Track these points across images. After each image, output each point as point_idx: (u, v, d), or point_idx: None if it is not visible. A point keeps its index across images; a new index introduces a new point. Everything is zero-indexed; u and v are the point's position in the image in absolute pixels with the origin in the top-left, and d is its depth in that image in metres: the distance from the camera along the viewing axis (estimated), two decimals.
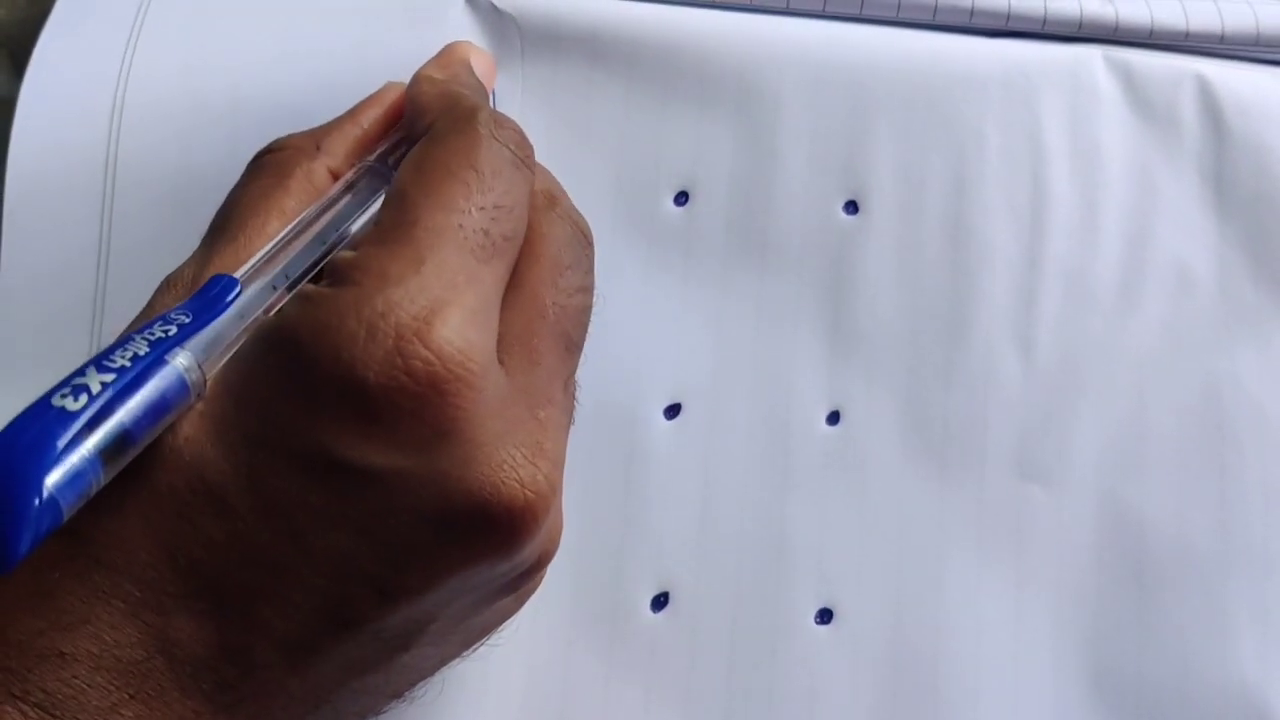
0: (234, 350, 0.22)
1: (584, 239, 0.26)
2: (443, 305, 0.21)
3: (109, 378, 0.19)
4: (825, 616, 0.31)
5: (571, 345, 0.25)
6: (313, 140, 0.27)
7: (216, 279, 0.22)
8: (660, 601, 0.31)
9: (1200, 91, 0.34)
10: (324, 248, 0.24)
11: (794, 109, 0.33)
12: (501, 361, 0.23)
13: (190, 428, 0.21)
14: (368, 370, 0.20)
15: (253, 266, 0.23)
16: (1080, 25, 0.34)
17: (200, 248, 0.25)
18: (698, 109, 0.33)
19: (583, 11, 0.33)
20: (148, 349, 0.20)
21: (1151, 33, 0.34)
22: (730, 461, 0.32)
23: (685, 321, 0.32)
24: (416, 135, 0.25)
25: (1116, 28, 0.34)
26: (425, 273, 0.21)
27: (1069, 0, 0.34)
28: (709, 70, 0.33)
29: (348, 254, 0.22)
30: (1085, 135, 0.34)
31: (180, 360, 0.20)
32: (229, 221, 0.25)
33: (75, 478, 0.18)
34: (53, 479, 0.18)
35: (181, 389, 0.20)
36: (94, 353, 0.30)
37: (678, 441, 0.32)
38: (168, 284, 0.24)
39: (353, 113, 0.28)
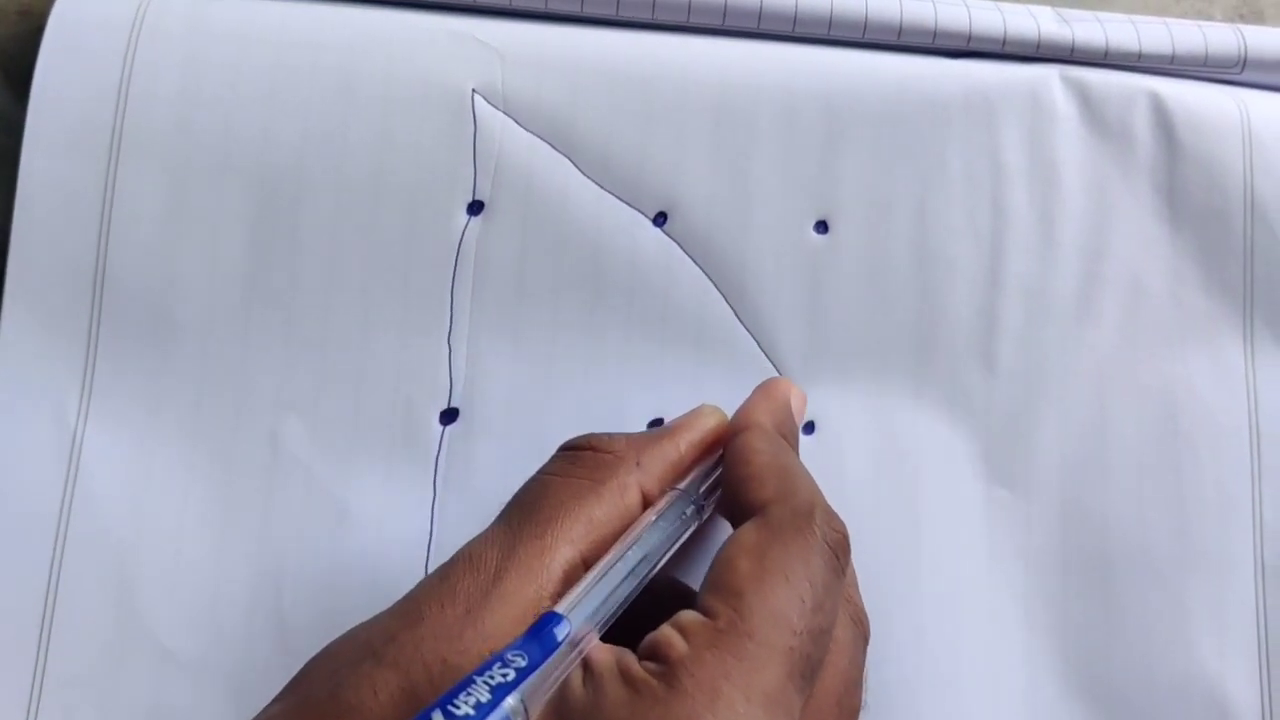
0: (553, 689, 0.22)
1: (865, 640, 0.26)
2: None
3: None
4: None
5: None
6: (633, 452, 0.27)
7: (550, 618, 0.22)
8: None
9: (1153, 108, 0.35)
10: (636, 583, 0.24)
11: (767, 131, 0.34)
12: None
13: None
14: None
15: (575, 600, 0.23)
16: (1038, 46, 0.35)
17: (503, 528, 0.25)
18: (675, 132, 0.34)
19: (562, 41, 0.34)
20: (489, 695, 0.20)
21: (1106, 53, 0.35)
22: None
23: (666, 338, 0.33)
24: (746, 502, 0.25)
25: (1073, 49, 0.35)
26: (753, 700, 0.21)
27: (1027, 21, 0.35)
28: (685, 95, 0.34)
29: (680, 644, 0.22)
30: (1043, 153, 0.35)
31: (509, 701, 0.21)
32: (538, 512, 0.25)
33: None
34: None
35: None
36: (89, 375, 0.31)
37: None
38: (470, 562, 0.24)
39: (672, 434, 0.28)
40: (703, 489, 0.27)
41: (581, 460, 0.26)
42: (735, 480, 0.27)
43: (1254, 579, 0.33)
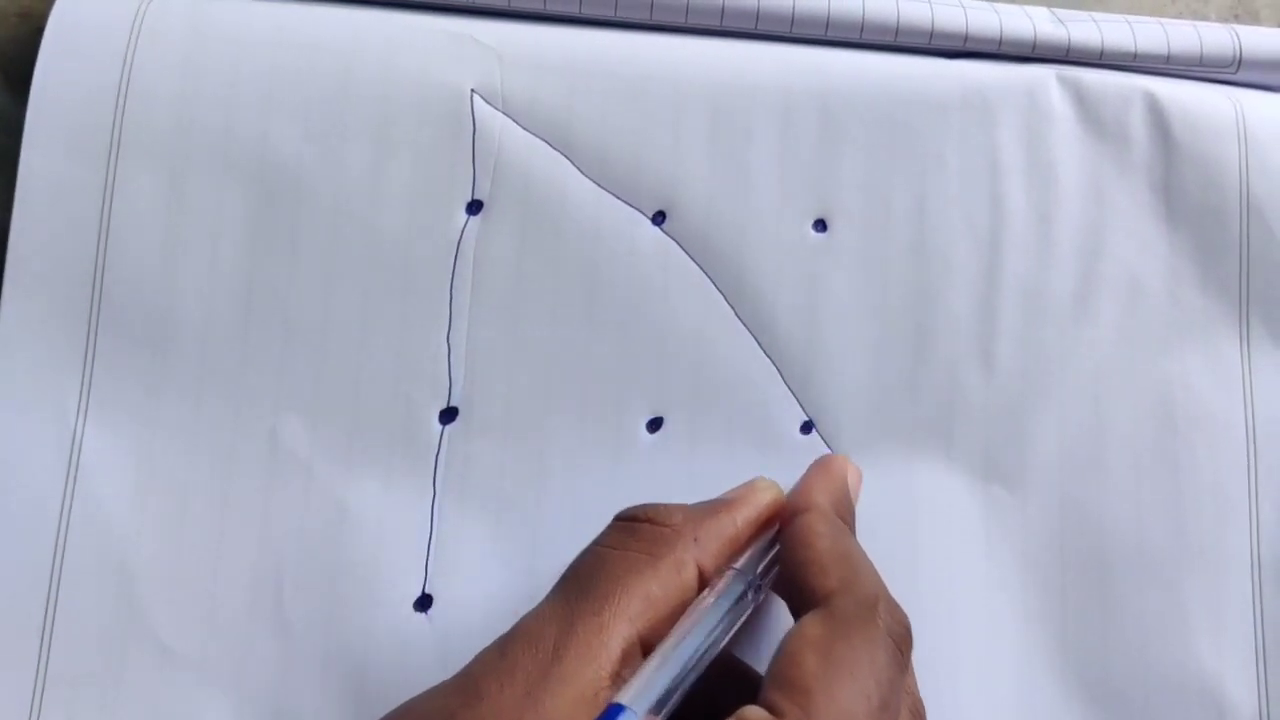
0: None
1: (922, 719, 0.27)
2: None
3: None
4: None
5: None
6: (691, 526, 0.26)
7: (615, 710, 0.22)
8: None
9: (1149, 108, 0.35)
10: (698, 670, 0.24)
11: (765, 131, 0.34)
12: None
13: None
14: None
15: (638, 690, 0.23)
16: (1034, 46, 0.35)
17: (559, 603, 0.25)
18: (674, 132, 0.34)
19: (560, 42, 0.34)
20: None
21: (1102, 53, 0.35)
22: (711, 472, 0.32)
23: (666, 337, 0.33)
24: (809, 590, 0.25)
25: (1069, 49, 0.35)
26: None
27: (1023, 22, 0.35)
28: (683, 95, 0.34)
29: None
30: (1040, 153, 0.35)
31: None
32: (595, 587, 0.25)
33: None
34: None
35: None
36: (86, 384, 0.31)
37: (660, 453, 0.33)
38: (528, 640, 0.24)
39: (729, 509, 0.28)
40: (759, 568, 0.27)
41: (638, 533, 0.26)
42: (795, 564, 0.26)
43: (1251, 577, 0.33)
